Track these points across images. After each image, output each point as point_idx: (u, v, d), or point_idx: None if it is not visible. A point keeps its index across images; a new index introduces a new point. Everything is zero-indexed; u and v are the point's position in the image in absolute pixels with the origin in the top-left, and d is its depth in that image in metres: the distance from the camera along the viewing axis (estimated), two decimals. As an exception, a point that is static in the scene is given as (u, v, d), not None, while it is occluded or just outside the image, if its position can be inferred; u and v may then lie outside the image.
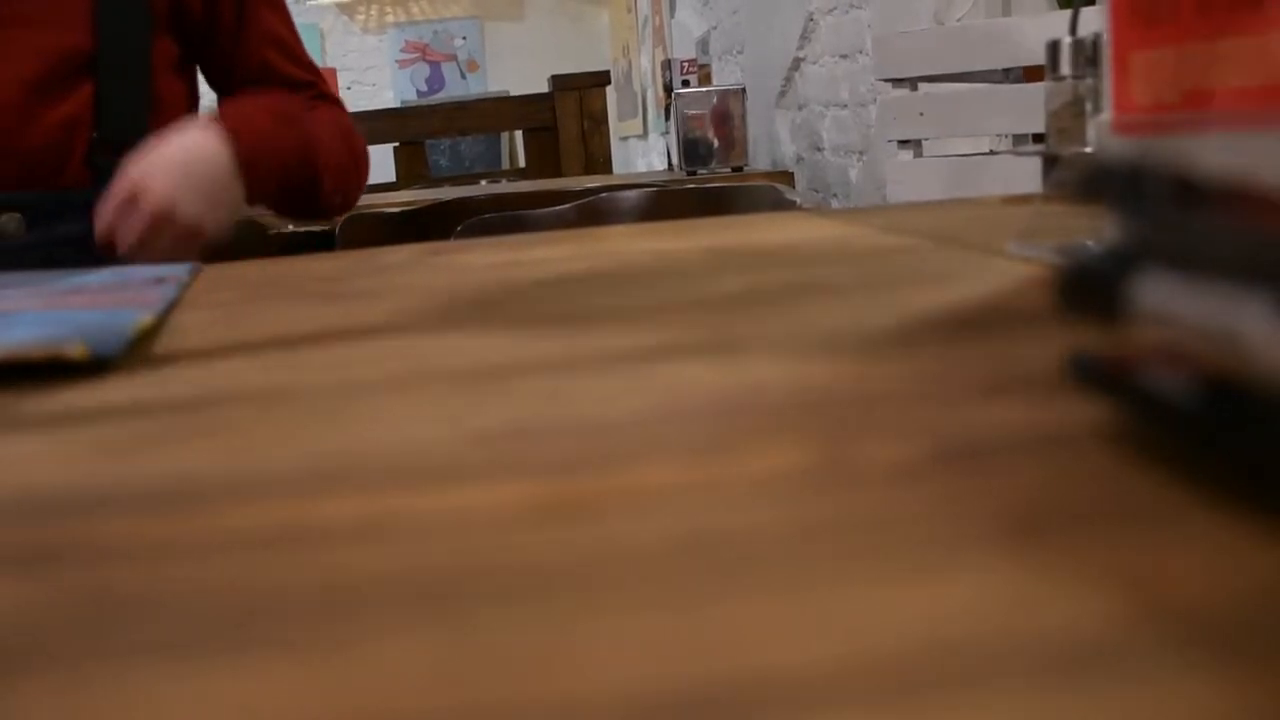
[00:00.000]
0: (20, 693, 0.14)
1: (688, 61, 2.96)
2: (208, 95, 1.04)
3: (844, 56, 2.35)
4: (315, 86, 1.05)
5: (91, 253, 0.84)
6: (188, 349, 0.38)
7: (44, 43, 0.90)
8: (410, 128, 2.90)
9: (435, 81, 6.27)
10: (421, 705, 0.13)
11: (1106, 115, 0.33)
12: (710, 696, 0.13)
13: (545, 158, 2.92)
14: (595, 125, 2.91)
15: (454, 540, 0.19)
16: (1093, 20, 0.56)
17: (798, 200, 1.27)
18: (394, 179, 2.87)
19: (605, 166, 2.91)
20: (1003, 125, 1.42)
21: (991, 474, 0.20)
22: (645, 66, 4.67)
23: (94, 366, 0.35)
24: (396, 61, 6.20)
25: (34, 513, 0.22)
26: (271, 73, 1.01)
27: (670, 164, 2.70)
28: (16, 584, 0.18)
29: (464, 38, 6.21)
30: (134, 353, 0.38)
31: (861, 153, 2.29)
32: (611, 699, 0.13)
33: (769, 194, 1.32)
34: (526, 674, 0.14)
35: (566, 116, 2.89)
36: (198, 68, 1.03)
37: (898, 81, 1.53)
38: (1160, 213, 0.19)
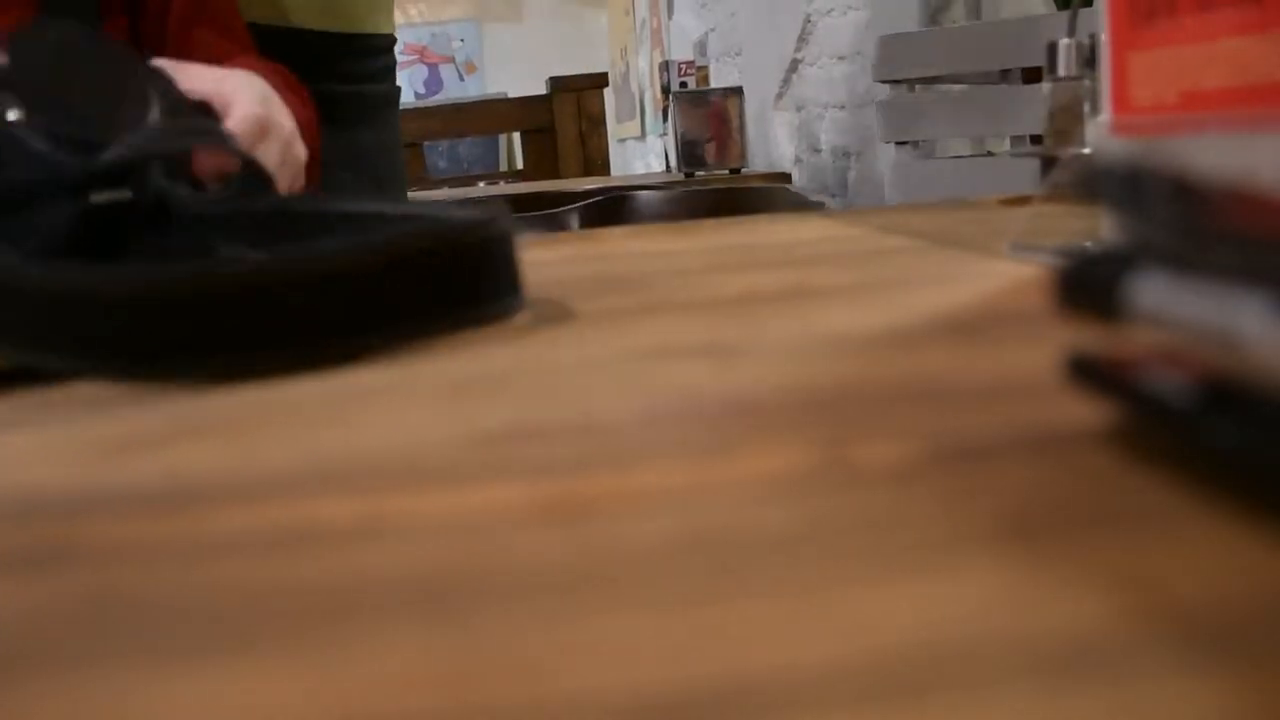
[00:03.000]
0: (20, 693, 0.14)
1: (685, 63, 2.95)
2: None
3: (842, 58, 2.35)
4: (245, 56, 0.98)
5: None
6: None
7: None
8: (408, 130, 2.90)
9: (433, 83, 6.27)
10: (421, 705, 0.13)
11: (1105, 116, 0.33)
12: (710, 697, 0.13)
13: (543, 159, 2.92)
14: (593, 127, 2.91)
15: (454, 540, 0.19)
16: (1091, 21, 0.56)
17: (826, 203, 1.27)
18: (392, 181, 2.86)
19: (603, 168, 2.92)
20: (1001, 126, 1.42)
21: (991, 474, 0.20)
22: (643, 68, 4.67)
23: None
24: (395, 63, 6.19)
25: (32, 513, 0.22)
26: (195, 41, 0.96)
27: (668, 165, 2.70)
28: (16, 584, 0.18)
29: (462, 40, 6.21)
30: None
31: (860, 154, 2.29)
32: (611, 699, 0.13)
33: (790, 196, 1.32)
34: (526, 674, 0.14)
35: (565, 118, 2.89)
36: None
37: (895, 83, 1.53)
38: (1159, 213, 0.19)
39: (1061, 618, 0.14)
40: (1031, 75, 1.33)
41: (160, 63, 0.65)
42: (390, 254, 0.34)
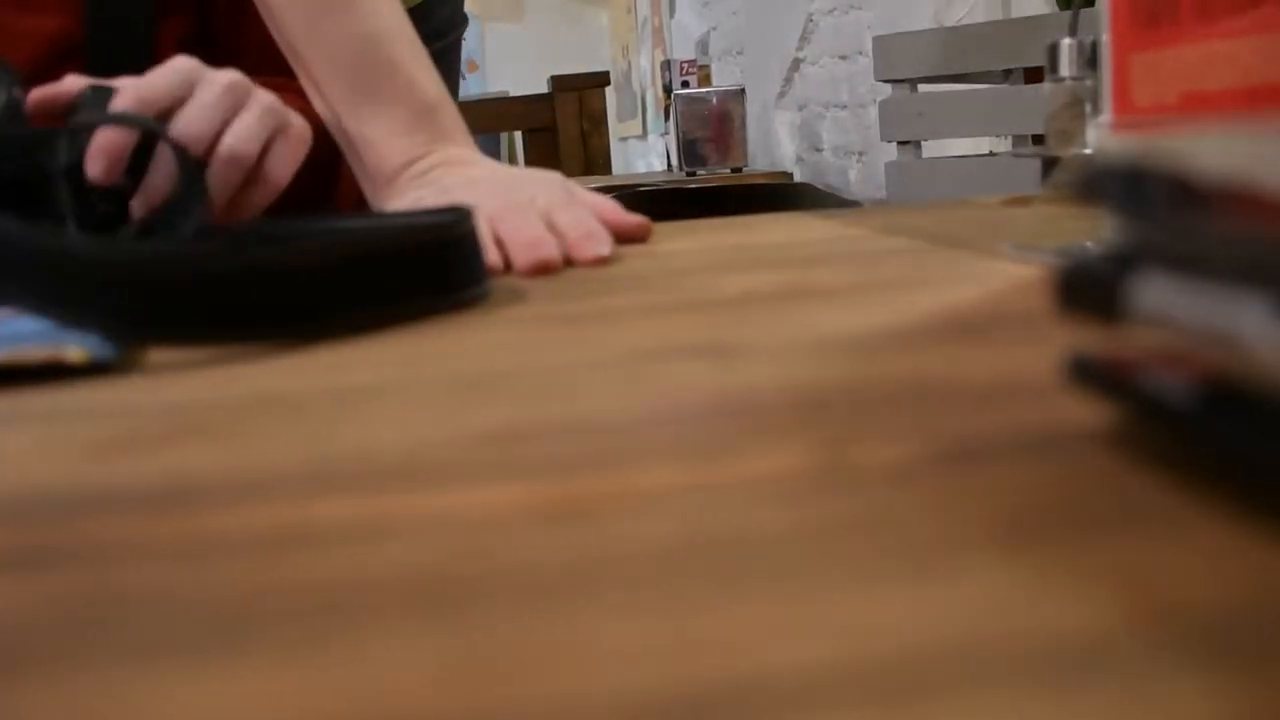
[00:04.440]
0: (19, 693, 0.14)
1: (687, 62, 2.96)
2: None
3: (843, 57, 2.35)
4: None
5: None
6: (186, 348, 0.38)
7: (26, 28, 0.84)
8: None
9: (435, 82, 6.25)
10: (421, 706, 0.13)
11: (1106, 117, 0.33)
12: (710, 697, 0.13)
13: (545, 158, 2.91)
14: (595, 126, 2.90)
15: (453, 540, 0.19)
16: (1092, 22, 0.56)
17: (860, 201, 1.26)
18: (393, 180, 2.86)
19: (605, 167, 2.91)
20: (1002, 127, 1.42)
21: (990, 475, 0.20)
22: (645, 67, 4.67)
23: (93, 369, 0.35)
24: (396, 62, 6.17)
25: (32, 513, 0.22)
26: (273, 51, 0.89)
27: (670, 165, 2.70)
28: (15, 584, 0.18)
29: (464, 38, 6.20)
30: (132, 353, 0.38)
31: (861, 153, 2.29)
32: (611, 699, 0.13)
33: (819, 195, 1.30)
34: (526, 674, 0.14)
35: (566, 117, 2.89)
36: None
37: (897, 82, 1.53)
38: (1159, 214, 0.19)
39: (1061, 618, 0.14)
40: (1033, 75, 1.33)
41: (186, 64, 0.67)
42: (368, 248, 0.41)
